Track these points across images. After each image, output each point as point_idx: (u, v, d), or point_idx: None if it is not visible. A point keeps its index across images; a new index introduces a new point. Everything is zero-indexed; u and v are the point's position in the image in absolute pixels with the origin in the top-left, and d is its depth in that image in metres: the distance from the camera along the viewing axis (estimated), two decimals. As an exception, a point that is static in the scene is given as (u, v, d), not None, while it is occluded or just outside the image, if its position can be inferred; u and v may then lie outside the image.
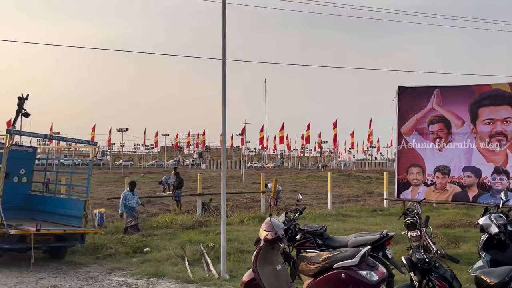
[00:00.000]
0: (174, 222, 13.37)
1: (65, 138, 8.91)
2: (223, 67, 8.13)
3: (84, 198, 9.41)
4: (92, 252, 9.68)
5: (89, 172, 9.81)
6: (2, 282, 7.32)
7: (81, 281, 7.51)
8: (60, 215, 9.65)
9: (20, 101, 15.36)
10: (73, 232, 8.88)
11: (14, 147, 9.65)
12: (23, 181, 10.54)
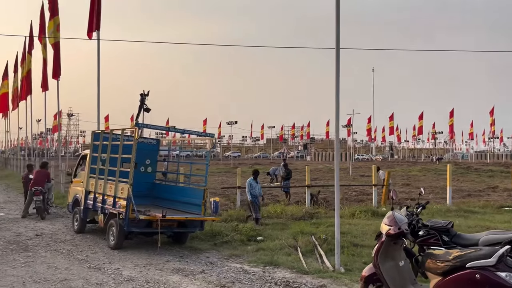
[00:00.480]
0: (284, 212, 13.53)
1: (186, 131, 9.48)
2: (337, 57, 7.93)
3: (202, 187, 9.91)
4: (210, 238, 10.19)
5: (207, 163, 10.32)
6: (134, 263, 8.01)
7: (202, 265, 7.92)
8: (181, 202, 10.29)
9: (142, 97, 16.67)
10: (193, 219, 9.43)
11: (141, 139, 10.52)
12: (148, 170, 11.45)
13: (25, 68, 27.17)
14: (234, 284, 6.77)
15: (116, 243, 9.07)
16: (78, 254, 8.64)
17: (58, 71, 21.18)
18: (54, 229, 11.35)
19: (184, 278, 7.06)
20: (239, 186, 14.92)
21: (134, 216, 8.62)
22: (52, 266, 7.62)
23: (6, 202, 16.78)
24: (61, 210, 14.37)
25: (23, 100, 29.80)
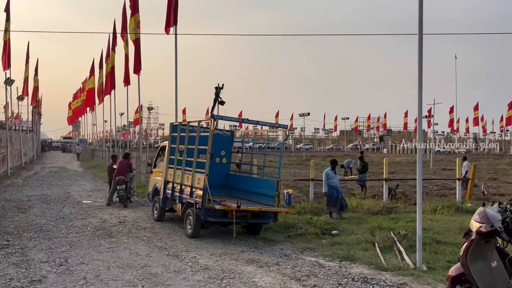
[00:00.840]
0: (360, 206, 13.12)
1: (260, 122, 9.45)
2: (420, 43, 7.42)
3: (276, 178, 9.85)
4: (283, 230, 10.12)
5: (280, 154, 10.24)
6: (210, 252, 8.16)
7: (277, 257, 7.87)
8: (255, 193, 10.32)
9: (217, 90, 16.84)
10: (267, 210, 9.41)
11: (216, 131, 10.66)
12: (223, 161, 11.61)
13: (109, 64, 28.81)
14: (310, 278, 6.63)
15: (193, 232, 9.30)
16: (158, 241, 8.98)
17: (138, 66, 22.20)
18: (136, 217, 11.92)
19: (258, 269, 7.04)
20: (313, 179, 14.70)
21: (210, 205, 8.78)
22: (133, 252, 7.97)
23: (93, 190, 17.94)
24: (142, 199, 15.07)
25: (108, 94, 31.67)
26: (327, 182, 11.95)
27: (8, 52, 25.43)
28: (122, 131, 65.86)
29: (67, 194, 16.29)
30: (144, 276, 6.53)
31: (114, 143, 41.30)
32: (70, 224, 10.59)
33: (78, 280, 6.31)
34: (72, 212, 12.38)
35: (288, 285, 6.27)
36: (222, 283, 6.25)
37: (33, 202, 14.07)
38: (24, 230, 9.70)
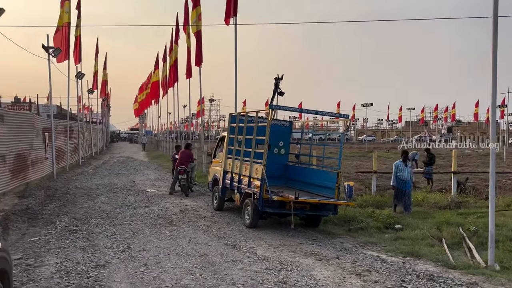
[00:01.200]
0: (426, 200, 12.50)
1: (319, 112, 9.21)
2: (494, 27, 6.82)
3: (336, 170, 9.58)
4: (343, 223, 9.84)
5: (341, 145, 9.93)
6: (268, 243, 8.09)
7: (336, 251, 7.64)
8: (314, 185, 10.11)
9: (276, 81, 16.71)
10: (327, 202, 9.17)
11: (274, 121, 10.54)
12: (281, 152, 11.48)
13: (172, 58, 29.54)
14: (371, 273, 6.36)
15: (251, 222, 9.28)
16: (217, 230, 9.05)
17: (200, 58, 22.54)
18: (196, 206, 12.13)
19: (317, 262, 6.87)
20: (375, 171, 14.20)
21: (267, 196, 8.70)
22: (193, 241, 8.08)
23: (156, 179, 18.54)
24: (202, 188, 15.34)
25: (171, 87, 32.53)
26: (396, 174, 11.33)
27: (79, 47, 26.83)
28: (185, 122, 67.81)
29: (132, 183, 16.94)
30: (202, 265, 6.58)
31: (178, 134, 42.50)
32: (134, 211, 10.97)
33: (139, 266, 6.47)
34: (136, 200, 12.83)
35: (348, 280, 6.05)
36: (280, 275, 6.14)
37: (101, 190, 14.76)
38: (92, 217, 10.16)
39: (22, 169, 14.63)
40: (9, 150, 13.26)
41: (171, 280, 5.85)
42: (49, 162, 18.54)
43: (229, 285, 5.66)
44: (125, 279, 5.87)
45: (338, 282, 5.93)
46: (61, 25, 20.63)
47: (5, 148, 12.99)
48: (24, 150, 14.93)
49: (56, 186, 15.57)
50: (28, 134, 15.54)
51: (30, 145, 15.69)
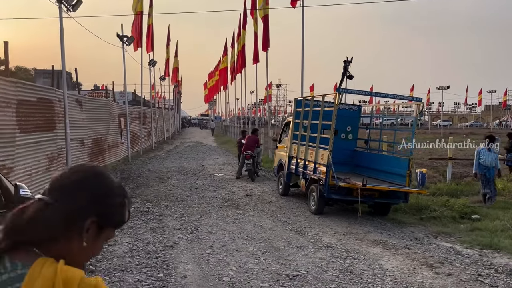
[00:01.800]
0: (507, 189, 11.61)
1: (389, 95, 8.76)
2: None
3: (408, 156, 9.13)
4: (415, 212, 9.40)
5: (413, 130, 9.43)
6: (333, 230, 7.92)
7: (406, 240, 7.31)
8: (383, 172, 9.72)
9: (345, 64, 16.21)
10: (397, 190, 8.79)
11: (341, 105, 10.24)
12: (349, 138, 11.16)
13: (240, 43, 29.74)
14: (444, 265, 6.00)
15: (317, 208, 9.13)
16: (282, 216, 9.02)
17: (267, 43, 22.46)
18: (262, 190, 12.18)
19: (385, 252, 6.61)
20: (451, 157, 13.41)
21: (333, 183, 8.50)
22: (258, 225, 8.11)
23: (224, 164, 18.88)
24: (268, 173, 15.38)
25: (239, 73, 32.84)
26: (478, 160, 10.37)
27: (151, 35, 27.81)
28: (253, 108, 68.44)
29: (201, 167, 17.39)
30: (266, 249, 6.57)
31: (246, 120, 43.00)
32: (202, 195, 11.24)
33: (205, 248, 6.61)
34: (204, 183, 13.14)
35: (418, 271, 5.75)
36: (345, 263, 5.98)
37: (171, 173, 15.29)
38: (162, 199, 10.54)
39: (99, 152, 15.52)
40: (87, 134, 14.11)
41: (235, 263, 5.91)
42: (125, 146, 19.52)
43: (293, 271, 5.60)
44: (191, 260, 6.02)
45: (407, 273, 5.66)
46: (134, 14, 21.46)
47: (84, 133, 13.83)
48: (101, 134, 15.81)
49: (131, 169, 16.37)
50: (105, 119, 16.43)
51: (107, 130, 16.58)
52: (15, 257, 1.04)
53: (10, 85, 8.66)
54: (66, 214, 1.08)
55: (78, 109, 13.43)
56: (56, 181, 1.14)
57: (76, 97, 13.98)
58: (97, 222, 1.12)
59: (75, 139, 12.95)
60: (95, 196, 1.13)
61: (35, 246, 1.07)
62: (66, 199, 1.10)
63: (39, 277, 1.00)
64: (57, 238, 1.08)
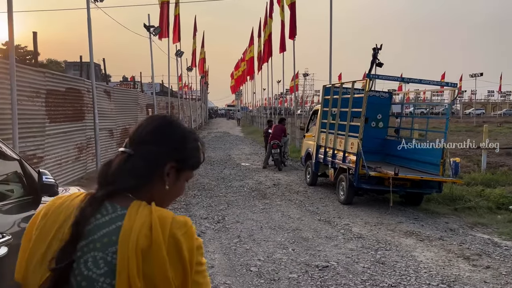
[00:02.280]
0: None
1: (422, 81, 8.40)
2: None
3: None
4: (449, 202, 9.06)
5: (447, 117, 9.03)
6: (364, 220, 7.69)
7: (440, 231, 7.03)
8: (415, 161, 9.40)
9: (374, 51, 15.78)
10: (430, 179, 8.46)
11: (372, 92, 9.90)
12: (379, 126, 10.84)
13: (266, 32, 29.46)
14: (481, 258, 5.72)
15: (346, 198, 8.91)
16: (310, 205, 8.84)
17: (294, 31, 22.16)
18: (289, 180, 12.01)
19: (419, 243, 6.36)
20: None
21: (364, 172, 8.25)
22: (285, 215, 7.96)
23: (251, 154, 18.79)
24: (295, 163, 15.20)
25: (265, 62, 32.60)
26: None
27: (178, 26, 27.85)
28: (279, 98, 68.09)
29: (228, 157, 17.35)
30: (295, 239, 6.43)
31: (273, 110, 42.77)
32: (229, 184, 11.16)
33: (232, 238, 6.51)
34: (231, 173, 13.07)
35: (454, 264, 5.49)
36: (377, 254, 5.78)
37: (198, 163, 15.28)
38: (190, 188, 10.51)
39: (128, 142, 15.65)
40: (116, 124, 14.23)
41: (263, 253, 5.79)
42: (152, 136, 19.64)
43: (322, 262, 5.44)
44: (218, 250, 5.93)
45: (442, 265, 5.41)
46: (159, 3, 21.48)
47: (113, 123, 13.96)
48: (130, 125, 15.91)
49: (158, 159, 16.45)
50: (133, 110, 16.56)
51: (135, 120, 16.70)
52: (113, 201, 1.17)
53: (39, 75, 8.75)
54: (147, 163, 1.20)
55: (106, 99, 13.54)
56: (135, 133, 1.25)
57: (104, 87, 14.08)
58: (176, 166, 1.23)
59: (104, 129, 13.08)
60: (172, 143, 1.24)
61: (126, 192, 1.19)
62: (145, 149, 1.21)
63: (138, 217, 1.12)
64: (142, 185, 1.19)
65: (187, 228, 1.14)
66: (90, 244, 1.12)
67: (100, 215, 1.15)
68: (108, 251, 1.10)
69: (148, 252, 1.08)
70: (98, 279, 1.09)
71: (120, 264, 1.08)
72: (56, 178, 9.67)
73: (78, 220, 1.13)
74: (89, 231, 1.13)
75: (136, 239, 1.09)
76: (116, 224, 1.12)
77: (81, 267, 1.11)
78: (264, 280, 4.78)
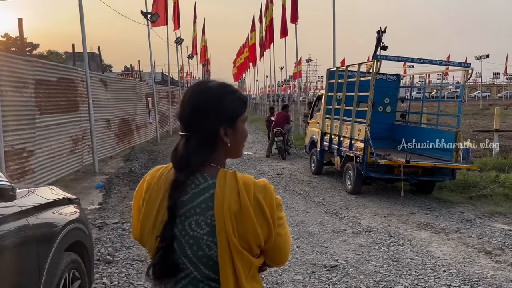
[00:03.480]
0: None
1: (433, 61, 7.85)
2: None
3: (454, 128, 8.26)
4: (462, 190, 8.58)
5: (460, 99, 8.49)
6: (373, 212, 7.22)
7: (456, 222, 6.54)
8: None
9: (379, 34, 15.23)
10: (444, 166, 7.95)
11: (378, 75, 9.31)
12: (387, 110, 10.32)
13: (267, 17, 28.75)
14: (505, 252, 5.24)
15: (353, 188, 8.43)
16: (315, 196, 8.37)
17: (295, 15, 21.54)
18: (293, 169, 11.54)
19: (434, 236, 5.88)
20: (497, 129, 12.35)
21: (372, 160, 7.75)
22: (290, 207, 7.50)
23: (254, 142, 18.30)
24: (300, 151, 14.71)
25: (267, 48, 31.93)
26: None
27: (177, 13, 27.21)
28: (282, 85, 67.28)
29: (230, 146, 16.87)
30: (300, 235, 5.97)
31: (276, 98, 42.16)
32: (231, 175, 10.68)
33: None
34: (233, 163, 12.57)
35: (475, 260, 5.01)
36: (389, 251, 5.30)
37: (200, 153, 14.84)
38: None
39: (127, 133, 15.20)
40: (113, 115, 13.76)
41: (265, 251, 5.33)
42: (153, 126, 19.20)
43: (330, 261, 4.97)
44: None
45: (463, 262, 4.94)
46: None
47: (110, 113, 13.48)
48: (128, 115, 15.46)
49: (159, 149, 16.02)
50: (131, 99, 16.05)
51: (134, 110, 16.23)
52: (203, 171, 1.34)
53: (26, 64, 8.24)
54: (204, 137, 1.35)
55: (102, 89, 13.06)
56: (181, 115, 1.38)
57: (100, 76, 13.58)
58: (227, 125, 1.36)
59: (101, 119, 12.61)
60: (213, 109, 1.35)
61: (206, 163, 1.35)
62: (195, 127, 1.35)
63: (226, 184, 1.30)
64: (210, 154, 1.35)
65: (267, 190, 1.34)
66: (191, 209, 1.31)
67: (194, 185, 1.33)
68: (207, 215, 1.30)
69: (239, 214, 1.28)
70: (202, 237, 1.30)
71: (218, 225, 1.28)
72: (50, 172, 9.27)
73: (172, 188, 1.32)
74: (188, 199, 1.32)
75: (228, 205, 1.28)
76: (209, 192, 1.31)
77: (187, 228, 1.31)
78: (266, 283, 4.33)
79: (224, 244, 1.27)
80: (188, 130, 1.35)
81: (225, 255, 1.27)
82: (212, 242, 1.28)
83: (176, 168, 1.34)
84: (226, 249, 1.27)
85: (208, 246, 1.29)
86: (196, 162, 1.32)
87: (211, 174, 1.32)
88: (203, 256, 1.30)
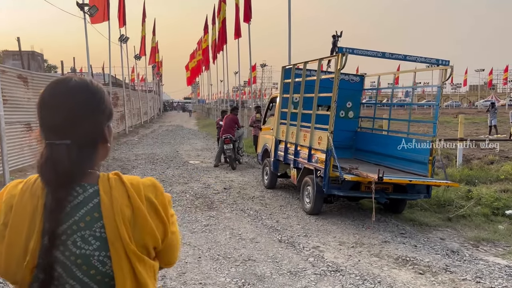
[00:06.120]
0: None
1: (407, 57, 6.63)
2: None
3: (430, 137, 7.07)
4: (436, 208, 7.42)
5: (437, 103, 7.29)
6: (338, 239, 5.82)
7: (441, 256, 5.26)
8: (395, 158, 7.67)
9: (334, 39, 14.16)
10: (421, 183, 6.68)
11: (340, 76, 7.99)
12: (349, 116, 9.07)
13: (220, 18, 27.31)
14: (516, 306, 3.98)
15: (313, 207, 7.03)
16: (267, 218, 6.90)
17: (249, 14, 20.28)
18: (243, 182, 10.03)
19: (419, 279, 4.53)
20: (462, 138, 11.48)
21: (336, 174, 6.38)
22: (235, 235, 5.98)
23: (203, 149, 16.69)
24: (252, 160, 13.28)
25: (220, 50, 30.44)
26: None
27: (123, 9, 25.24)
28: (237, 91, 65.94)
29: (175, 153, 15.17)
30: (245, 279, 4.45)
31: (231, 103, 40.67)
32: (169, 189, 9.03)
33: (155, 278, 4.46)
34: (175, 174, 10.94)
35: (480, 317, 3.70)
36: (365, 304, 3.90)
37: (138, 162, 13.05)
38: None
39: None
40: (34, 117, 11.78)
41: (196, 308, 3.79)
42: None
43: (286, 324, 3.49)
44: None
45: (465, 322, 3.62)
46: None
47: (31, 116, 11.51)
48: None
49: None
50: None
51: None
52: (80, 181, 1.15)
53: None
54: (89, 140, 1.17)
55: (21, 86, 11.12)
56: (54, 123, 1.15)
57: (18, 72, 11.57)
58: (108, 124, 1.23)
59: (17, 122, 10.68)
60: (98, 109, 1.19)
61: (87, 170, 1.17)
62: (78, 131, 1.15)
63: (112, 189, 1.14)
64: (94, 157, 1.19)
65: (157, 189, 1.21)
66: (72, 226, 1.12)
67: (72, 197, 1.14)
68: (95, 227, 1.12)
69: (133, 218, 1.14)
70: (93, 253, 1.11)
71: (111, 236, 1.11)
72: None
73: (53, 208, 1.11)
74: (67, 214, 1.12)
75: (120, 210, 1.12)
76: (92, 202, 1.14)
77: (71, 248, 1.11)
78: None
79: (121, 255, 1.10)
80: (66, 137, 1.13)
81: (124, 267, 1.11)
82: (105, 256, 1.11)
83: (55, 184, 1.12)
84: (124, 260, 1.11)
85: (101, 262, 1.11)
86: (81, 173, 1.15)
87: (90, 182, 1.16)
88: (96, 274, 1.11)
